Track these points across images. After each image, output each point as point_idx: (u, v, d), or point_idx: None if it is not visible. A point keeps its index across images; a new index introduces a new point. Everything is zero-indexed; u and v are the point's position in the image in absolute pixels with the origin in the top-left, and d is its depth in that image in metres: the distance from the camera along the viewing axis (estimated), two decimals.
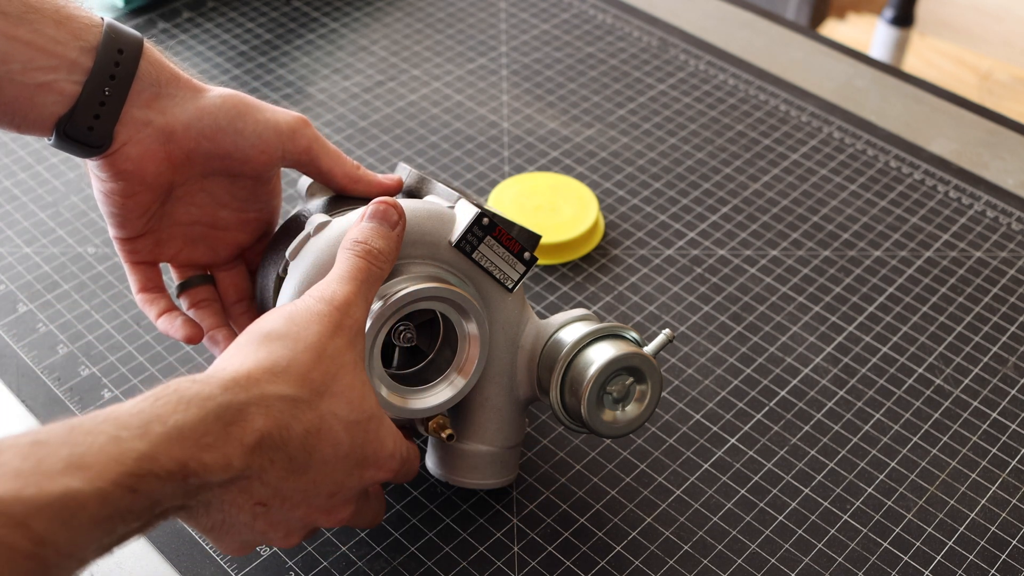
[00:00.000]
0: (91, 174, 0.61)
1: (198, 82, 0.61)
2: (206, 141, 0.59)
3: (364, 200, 0.63)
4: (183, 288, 0.65)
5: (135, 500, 0.41)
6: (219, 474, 0.45)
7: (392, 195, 0.64)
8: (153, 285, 0.64)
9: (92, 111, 0.57)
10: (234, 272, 0.66)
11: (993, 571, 0.62)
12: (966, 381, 0.73)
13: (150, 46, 0.59)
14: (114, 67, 0.57)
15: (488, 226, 0.58)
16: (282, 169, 0.65)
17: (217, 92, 0.60)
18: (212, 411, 0.45)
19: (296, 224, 0.62)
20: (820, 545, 0.63)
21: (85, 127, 0.57)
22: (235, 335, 0.65)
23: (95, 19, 0.58)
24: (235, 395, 0.46)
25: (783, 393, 0.72)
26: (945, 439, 0.69)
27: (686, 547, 0.63)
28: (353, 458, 0.51)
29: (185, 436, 0.44)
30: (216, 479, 0.45)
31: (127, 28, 0.58)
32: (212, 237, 0.65)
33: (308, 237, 0.57)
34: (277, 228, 0.65)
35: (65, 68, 0.56)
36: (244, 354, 0.49)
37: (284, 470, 0.48)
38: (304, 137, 0.61)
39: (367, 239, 0.54)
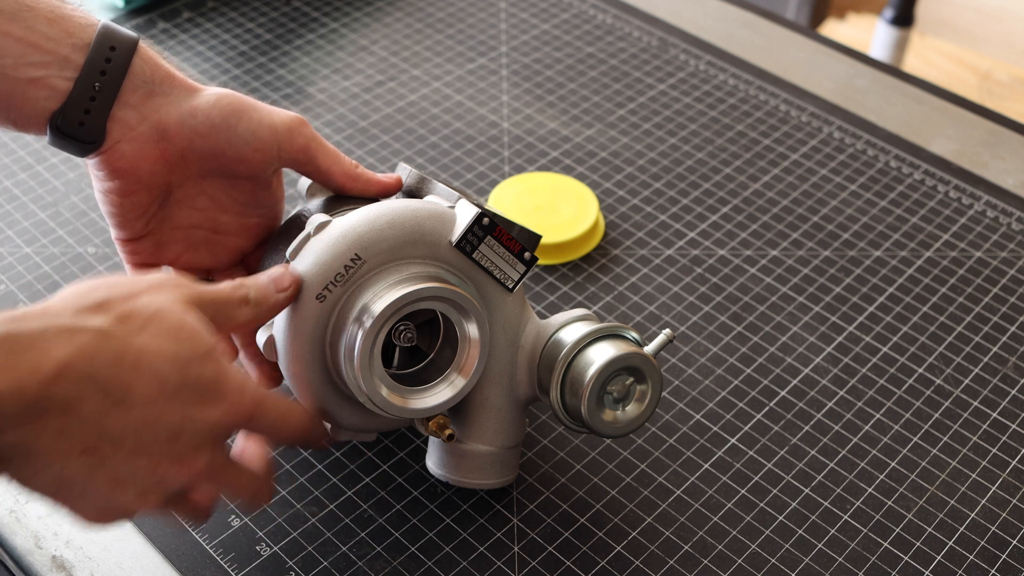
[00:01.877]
0: (91, 173, 0.61)
1: (194, 82, 0.61)
2: (199, 139, 0.60)
3: (364, 199, 0.63)
4: None
5: None
6: (11, 402, 0.42)
7: (391, 194, 0.64)
8: None
9: (83, 106, 0.57)
10: (235, 277, 0.66)
11: (993, 571, 0.62)
12: (966, 381, 0.73)
13: (145, 46, 0.59)
14: (105, 63, 0.57)
15: (488, 226, 0.58)
16: (282, 171, 0.65)
17: (212, 91, 0.60)
18: None
19: (296, 224, 0.62)
20: (820, 545, 0.63)
21: (76, 122, 0.57)
22: (234, 340, 0.65)
23: (91, 20, 0.58)
24: (22, 324, 0.43)
25: (783, 393, 0.72)
26: (945, 439, 0.69)
27: (686, 547, 0.63)
28: (186, 394, 0.47)
29: None
30: (9, 409, 0.42)
31: (123, 29, 0.59)
32: (213, 242, 0.65)
33: (308, 237, 0.57)
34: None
35: (56, 64, 0.57)
36: (53, 297, 0.47)
37: (100, 403, 0.44)
38: (301, 136, 0.61)
39: (246, 283, 0.54)
